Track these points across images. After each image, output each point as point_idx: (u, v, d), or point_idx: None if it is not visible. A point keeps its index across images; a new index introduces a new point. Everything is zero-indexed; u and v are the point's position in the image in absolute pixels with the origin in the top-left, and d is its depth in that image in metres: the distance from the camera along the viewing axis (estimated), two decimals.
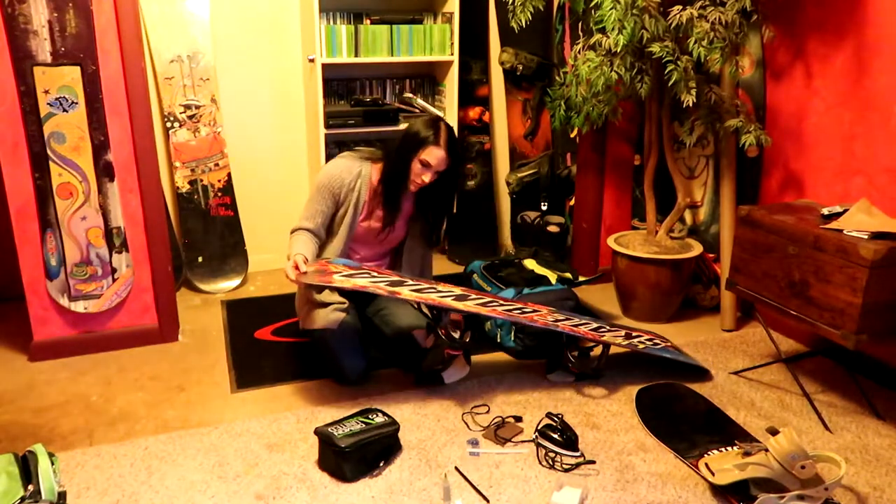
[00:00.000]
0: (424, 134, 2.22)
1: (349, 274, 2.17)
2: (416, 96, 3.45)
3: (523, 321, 2.27)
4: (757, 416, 2.25)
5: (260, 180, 3.44)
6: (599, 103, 2.81)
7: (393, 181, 2.31)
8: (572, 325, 2.37)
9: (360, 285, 2.10)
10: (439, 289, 2.28)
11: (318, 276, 2.12)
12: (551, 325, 2.29)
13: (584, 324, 2.42)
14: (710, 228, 3.07)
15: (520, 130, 3.65)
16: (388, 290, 2.13)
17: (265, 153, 3.42)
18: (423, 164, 2.24)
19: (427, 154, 2.22)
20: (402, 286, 2.21)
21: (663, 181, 3.02)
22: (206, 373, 2.52)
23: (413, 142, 2.24)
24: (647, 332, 2.54)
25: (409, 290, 2.20)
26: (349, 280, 2.12)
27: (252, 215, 3.41)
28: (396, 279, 2.24)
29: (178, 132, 3.15)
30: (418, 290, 2.22)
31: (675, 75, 2.47)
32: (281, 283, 3.31)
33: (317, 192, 2.33)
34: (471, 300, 2.28)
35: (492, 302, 2.33)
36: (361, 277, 2.17)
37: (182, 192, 3.21)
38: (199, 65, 3.13)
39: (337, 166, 2.34)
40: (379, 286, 2.13)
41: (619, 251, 2.92)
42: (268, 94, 3.35)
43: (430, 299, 2.16)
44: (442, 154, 2.23)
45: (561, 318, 2.39)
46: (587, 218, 3.37)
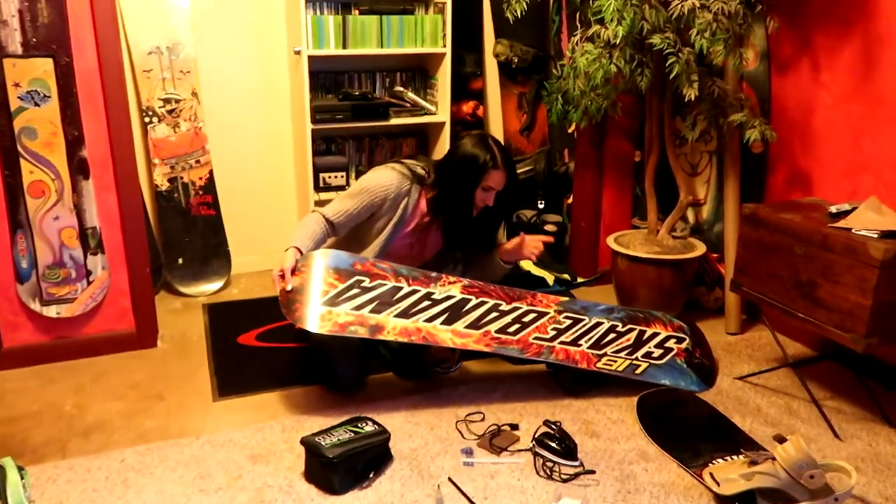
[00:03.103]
0: (483, 159, 2.22)
1: (338, 293, 2.15)
2: (407, 90, 3.44)
3: (513, 353, 2.26)
4: (763, 423, 2.25)
5: (243, 178, 3.42)
6: (598, 97, 2.80)
7: (457, 215, 2.30)
8: (578, 335, 2.35)
9: (341, 323, 2.10)
10: (439, 290, 2.26)
11: (300, 304, 2.10)
12: (544, 357, 2.28)
13: (593, 328, 2.39)
14: (713, 227, 3.07)
15: (515, 125, 3.65)
16: (373, 324, 2.12)
17: (249, 149, 3.40)
18: (485, 190, 2.25)
19: (489, 180, 2.24)
20: (400, 291, 2.20)
21: (665, 178, 3.02)
22: (186, 380, 2.50)
23: (473, 171, 2.23)
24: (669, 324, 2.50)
25: (405, 298, 2.19)
26: (333, 310, 2.11)
27: (235, 215, 3.38)
28: (392, 286, 2.22)
29: (157, 127, 3.13)
30: (418, 287, 2.21)
31: (677, 68, 2.46)
32: (266, 285, 3.30)
33: (357, 193, 2.29)
34: (469, 310, 2.27)
35: (496, 307, 2.30)
36: (352, 292, 2.16)
37: (161, 191, 3.18)
38: (179, 57, 3.10)
39: (388, 178, 2.30)
40: (365, 316, 2.13)
41: (618, 251, 2.92)
42: (252, 87, 3.33)
43: (420, 338, 2.15)
44: (503, 175, 2.24)
45: (569, 324, 2.36)
46: (586, 217, 3.36)
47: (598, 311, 2.44)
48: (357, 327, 2.13)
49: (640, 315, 2.49)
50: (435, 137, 3.48)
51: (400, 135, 3.51)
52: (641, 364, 2.38)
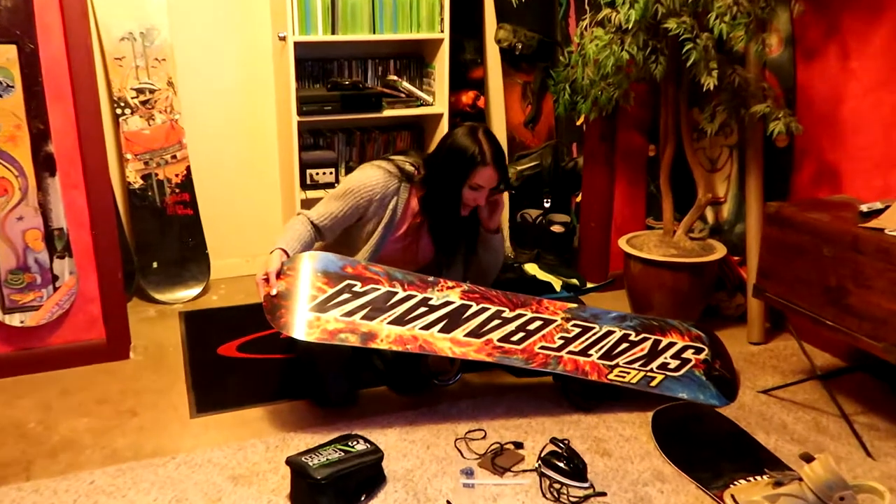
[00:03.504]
0: (469, 154, 2.20)
1: (327, 298, 2.15)
2: (402, 79, 3.44)
3: (517, 364, 2.26)
4: (789, 440, 2.25)
5: (224, 175, 3.42)
6: (609, 87, 2.81)
7: (443, 215, 2.31)
8: (588, 344, 2.35)
9: (330, 330, 2.10)
10: (436, 296, 2.26)
11: (286, 310, 2.10)
12: (551, 368, 2.27)
13: (604, 337, 2.39)
14: (734, 228, 3.07)
15: (519, 117, 3.65)
16: (366, 330, 2.13)
17: (230, 144, 3.40)
18: (473, 188, 2.24)
19: (477, 178, 2.23)
20: (394, 297, 2.20)
21: (681, 175, 3.02)
22: (161, 395, 2.50)
23: (459, 167, 2.22)
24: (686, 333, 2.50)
25: (401, 303, 2.19)
26: (321, 316, 2.11)
27: (214, 214, 3.38)
28: (385, 291, 2.22)
29: (130, 120, 3.13)
30: (415, 292, 2.21)
31: (694, 55, 2.47)
32: (248, 291, 3.29)
33: (342, 195, 2.30)
34: (469, 317, 2.27)
35: (499, 314, 2.30)
36: (343, 297, 2.16)
37: (134, 188, 3.18)
38: (154, 43, 3.11)
39: (373, 177, 2.30)
40: (356, 321, 2.13)
41: (631, 254, 2.92)
42: (233, 76, 3.33)
43: (416, 347, 2.15)
44: (492, 172, 2.23)
45: (577, 332, 2.37)
46: (596, 216, 3.37)
47: (610, 319, 2.44)
48: (348, 335, 2.13)
49: (654, 323, 2.49)
50: (432, 130, 3.48)
51: (394, 128, 3.51)
52: (657, 376, 2.38)
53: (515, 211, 3.68)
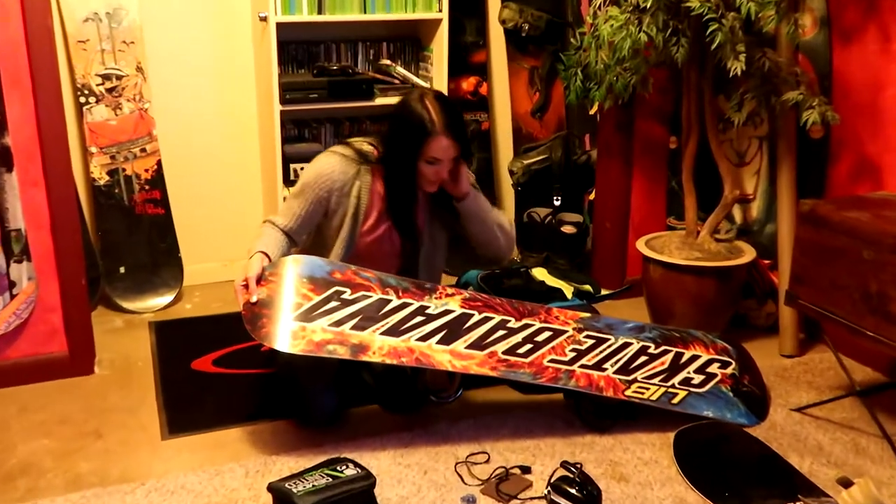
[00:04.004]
0: (418, 123, 2.20)
1: (314, 306, 2.16)
2: (396, 64, 3.45)
3: (524, 379, 2.26)
4: (825, 463, 2.25)
5: (198, 170, 3.42)
6: (625, 72, 2.81)
7: (400, 196, 2.31)
8: (602, 357, 2.36)
9: (317, 341, 2.10)
10: (434, 303, 2.27)
11: (268, 319, 2.11)
12: (562, 383, 2.28)
13: (620, 349, 2.39)
14: (764, 228, 3.08)
15: (526, 106, 3.66)
16: (355, 342, 2.14)
17: (205, 136, 3.41)
18: (430, 163, 2.23)
19: (431, 150, 2.21)
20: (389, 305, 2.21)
21: (706, 169, 3.02)
22: (129, 414, 2.50)
23: (408, 142, 2.22)
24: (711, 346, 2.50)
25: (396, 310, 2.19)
26: (307, 326, 2.12)
27: (188, 214, 3.39)
28: (377, 298, 2.23)
29: (95, 109, 3.13)
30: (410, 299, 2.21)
31: (720, 37, 2.47)
32: (226, 299, 3.29)
33: (299, 192, 2.32)
34: (470, 327, 2.27)
35: (504, 324, 2.30)
36: (331, 305, 2.16)
37: (99, 185, 3.19)
38: (122, 24, 3.11)
39: (328, 164, 2.32)
40: (346, 333, 2.13)
41: (651, 257, 2.92)
42: (209, 61, 3.34)
43: (412, 360, 2.15)
44: (447, 141, 2.21)
45: (591, 344, 2.37)
46: (611, 216, 3.37)
47: (626, 330, 2.45)
48: (336, 347, 2.13)
49: (676, 335, 2.50)
50: None
51: (387, 117, 3.50)
52: (679, 392, 2.38)
53: (522, 210, 3.69)
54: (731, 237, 3.06)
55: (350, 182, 2.31)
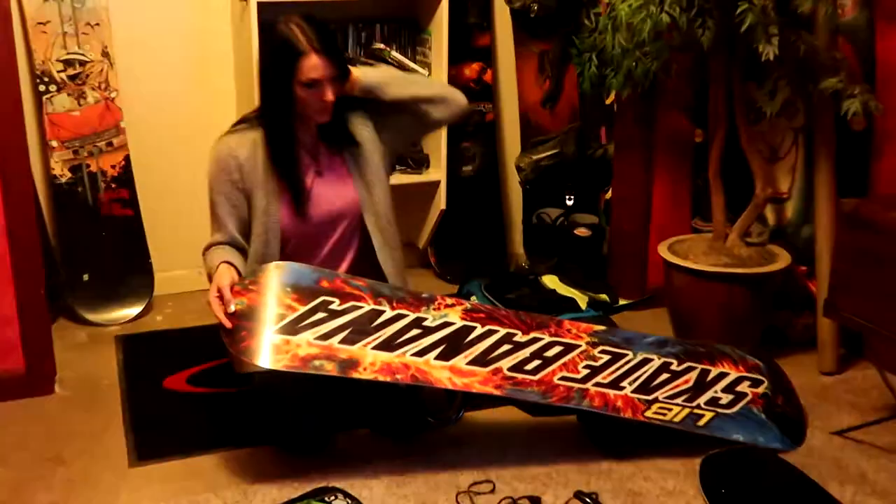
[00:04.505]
0: (284, 46, 2.23)
1: (299, 317, 2.16)
2: (391, 48, 3.45)
3: (532, 398, 2.26)
4: (870, 492, 2.25)
5: (171, 166, 3.42)
6: (645, 57, 2.81)
7: (280, 135, 2.32)
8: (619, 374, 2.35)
9: (302, 356, 2.10)
10: (432, 315, 2.27)
11: (248, 332, 2.11)
12: (574, 403, 2.27)
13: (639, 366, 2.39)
14: (800, 230, 3.07)
15: (535, 95, 3.66)
16: (344, 356, 2.14)
17: (179, 128, 3.40)
18: (309, 86, 2.24)
19: (305, 71, 2.23)
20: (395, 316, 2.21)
21: (735, 165, 3.02)
22: (93, 439, 2.49)
23: (280, 68, 2.25)
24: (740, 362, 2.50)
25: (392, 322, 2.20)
26: (291, 339, 2.12)
27: (160, 216, 3.38)
28: (369, 309, 2.22)
29: (56, 99, 3.13)
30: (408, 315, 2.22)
31: (750, 18, 2.47)
32: (200, 310, 3.28)
33: (211, 193, 2.36)
34: (472, 341, 2.27)
35: (509, 338, 2.30)
36: (317, 317, 2.17)
37: (61, 183, 3.19)
38: (86, 4, 3.11)
39: (220, 147, 2.37)
40: (342, 349, 2.13)
41: (674, 263, 2.92)
42: (182, 45, 3.34)
43: (407, 377, 2.16)
44: (319, 59, 2.23)
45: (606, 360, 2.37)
46: (630, 217, 3.37)
47: (646, 345, 2.44)
48: (323, 362, 2.13)
49: (701, 350, 2.49)
50: None
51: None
52: (705, 413, 2.38)
53: (531, 210, 3.69)
54: (763, 240, 3.05)
55: (249, 151, 2.34)
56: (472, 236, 3.76)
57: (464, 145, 3.69)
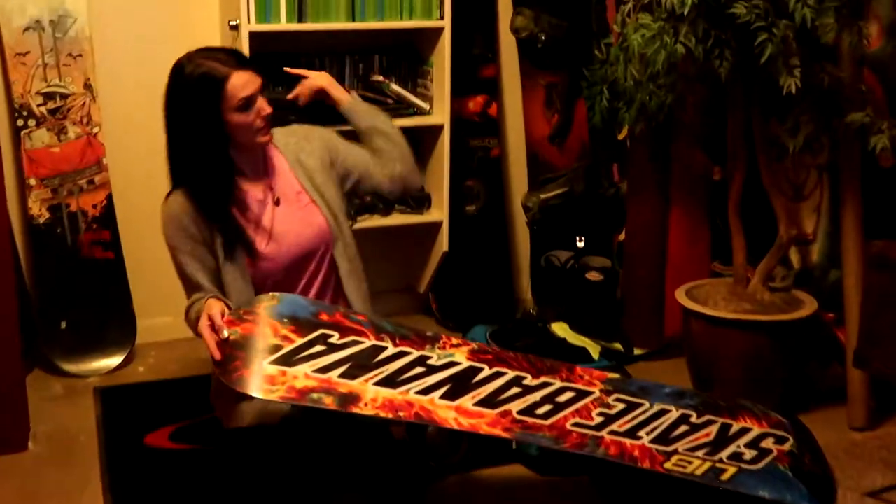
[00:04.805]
0: (202, 81, 2.21)
1: (296, 349, 2.15)
2: (390, 81, 3.47)
3: (543, 443, 2.24)
4: None
5: (156, 206, 3.38)
6: (659, 89, 2.83)
7: (211, 190, 2.28)
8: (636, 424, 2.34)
9: (299, 388, 2.10)
10: (437, 354, 2.26)
11: (241, 362, 2.10)
12: (588, 451, 2.25)
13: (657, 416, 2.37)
14: (827, 274, 3.07)
15: (543, 130, 3.67)
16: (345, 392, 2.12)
17: (165, 166, 3.40)
18: (242, 108, 2.22)
19: (236, 92, 2.20)
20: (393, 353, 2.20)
21: (757, 205, 3.02)
22: (69, 499, 2.48)
23: (202, 103, 2.22)
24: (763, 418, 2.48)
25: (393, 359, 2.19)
26: (288, 371, 2.11)
27: (143, 259, 3.38)
28: (371, 345, 2.22)
29: (35, 134, 3.15)
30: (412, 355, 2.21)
31: (770, 48, 2.48)
32: (185, 360, 3.28)
33: (175, 255, 2.34)
34: (480, 382, 2.26)
35: (518, 381, 2.29)
36: (315, 350, 2.16)
37: (38, 224, 3.19)
38: (68, 34, 3.14)
39: (172, 203, 2.35)
40: (341, 382, 2.12)
41: (692, 309, 2.91)
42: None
43: (410, 414, 2.14)
44: (244, 73, 2.21)
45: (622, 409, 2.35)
46: (644, 260, 3.36)
47: (663, 395, 2.43)
48: (322, 395, 2.11)
49: (721, 403, 2.48)
50: (429, 146, 3.50)
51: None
52: (728, 468, 2.35)
53: (539, 253, 3.69)
54: (787, 285, 3.05)
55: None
56: (476, 280, 3.75)
57: (467, 183, 3.69)
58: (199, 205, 2.30)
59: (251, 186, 2.36)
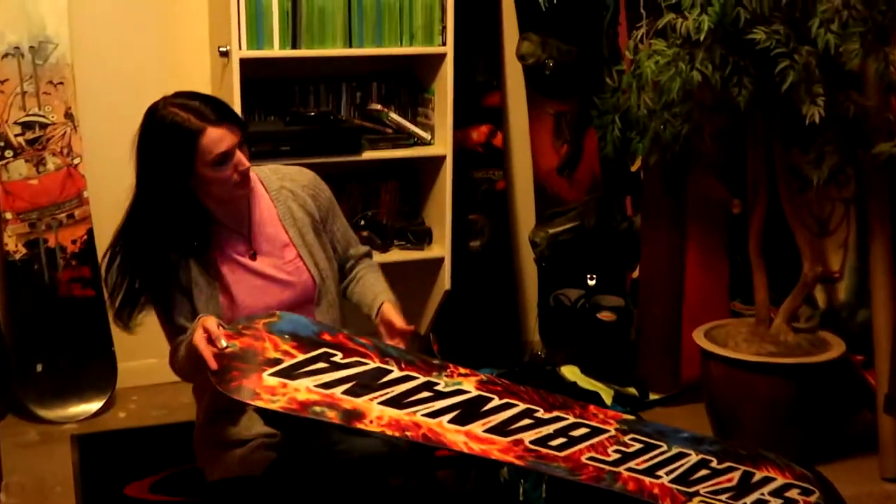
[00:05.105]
0: (174, 134, 2.16)
1: (297, 364, 2.15)
2: (389, 109, 3.48)
3: (558, 473, 2.23)
4: None
5: None
6: (675, 118, 2.84)
7: (181, 223, 2.25)
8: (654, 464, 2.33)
9: (301, 400, 2.09)
10: (444, 381, 2.26)
11: (240, 372, 2.10)
12: (606, 485, 2.25)
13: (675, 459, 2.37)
14: (855, 314, 3.06)
15: (551, 161, 3.69)
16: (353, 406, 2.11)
17: None
18: (219, 163, 2.18)
19: (211, 148, 2.15)
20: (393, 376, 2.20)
21: (779, 240, 3.03)
22: None
23: (174, 159, 2.18)
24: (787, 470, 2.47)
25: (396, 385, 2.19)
26: (289, 383, 2.11)
27: None
28: (375, 367, 2.22)
29: (12, 165, 3.16)
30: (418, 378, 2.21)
31: (792, 76, 2.50)
32: (168, 405, 3.27)
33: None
34: (490, 411, 2.26)
35: (530, 413, 2.29)
36: (318, 366, 2.16)
37: (14, 260, 3.19)
38: (48, 61, 3.16)
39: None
40: (342, 398, 2.12)
41: (712, 351, 2.91)
42: None
43: (418, 435, 2.14)
44: (221, 129, 2.15)
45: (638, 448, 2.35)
46: (660, 299, 3.36)
47: (681, 440, 2.42)
48: (325, 409, 2.09)
49: (742, 452, 2.47)
50: (430, 178, 3.52)
51: (377, 175, 3.55)
52: None
53: (548, 292, 3.68)
54: (813, 326, 3.04)
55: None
56: (480, 321, 3.74)
57: (471, 217, 3.70)
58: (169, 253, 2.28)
59: (229, 237, 2.35)
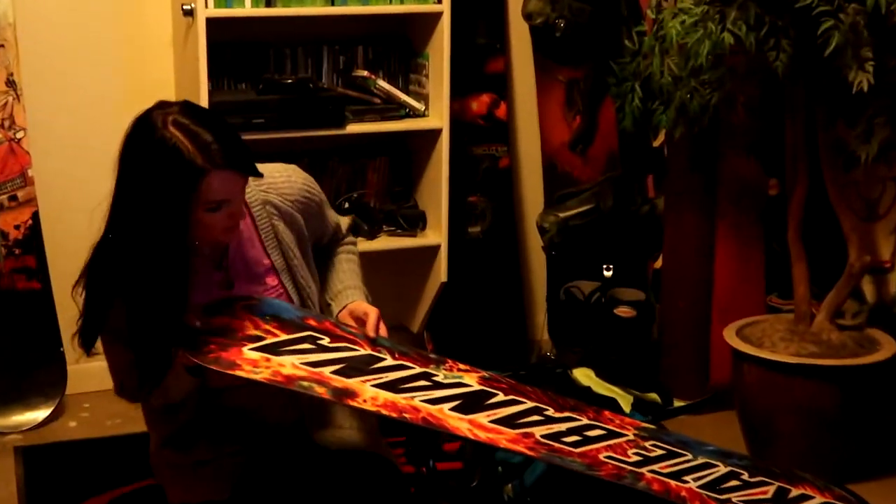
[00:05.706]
0: (175, 163, 2.07)
1: (280, 343, 2.17)
2: (377, 76, 3.48)
3: (575, 467, 2.25)
4: None
5: (91, 228, 3.41)
6: (703, 87, 2.84)
7: (166, 283, 2.15)
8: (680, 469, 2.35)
9: (286, 374, 2.10)
10: (444, 374, 2.27)
11: (217, 346, 2.11)
12: (628, 483, 2.26)
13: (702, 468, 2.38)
14: None
15: (562, 135, 3.69)
16: (342, 385, 2.12)
17: (102, 179, 3.37)
18: (214, 209, 2.11)
19: (211, 193, 2.07)
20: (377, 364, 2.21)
21: (822, 225, 3.03)
22: None
23: (171, 179, 2.08)
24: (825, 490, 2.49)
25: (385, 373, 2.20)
26: (273, 358, 2.12)
27: None
28: (366, 354, 2.23)
29: None
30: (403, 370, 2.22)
31: (837, 38, 2.50)
32: (125, 414, 3.27)
33: (103, 340, 2.35)
34: (494, 405, 2.27)
35: (539, 410, 2.31)
36: (303, 346, 2.17)
37: None
38: None
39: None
40: (326, 375, 2.13)
41: (745, 352, 2.91)
42: (110, 72, 3.38)
43: (417, 418, 2.15)
44: (228, 174, 2.08)
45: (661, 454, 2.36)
46: (686, 292, 3.36)
47: (707, 452, 2.44)
48: (313, 384, 2.11)
49: (775, 470, 2.48)
50: (424, 154, 3.52)
51: (364, 151, 3.55)
52: None
53: (558, 284, 3.69)
54: (860, 323, 3.05)
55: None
56: (481, 317, 3.75)
57: (470, 200, 3.70)
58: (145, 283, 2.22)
59: (203, 263, 2.31)
